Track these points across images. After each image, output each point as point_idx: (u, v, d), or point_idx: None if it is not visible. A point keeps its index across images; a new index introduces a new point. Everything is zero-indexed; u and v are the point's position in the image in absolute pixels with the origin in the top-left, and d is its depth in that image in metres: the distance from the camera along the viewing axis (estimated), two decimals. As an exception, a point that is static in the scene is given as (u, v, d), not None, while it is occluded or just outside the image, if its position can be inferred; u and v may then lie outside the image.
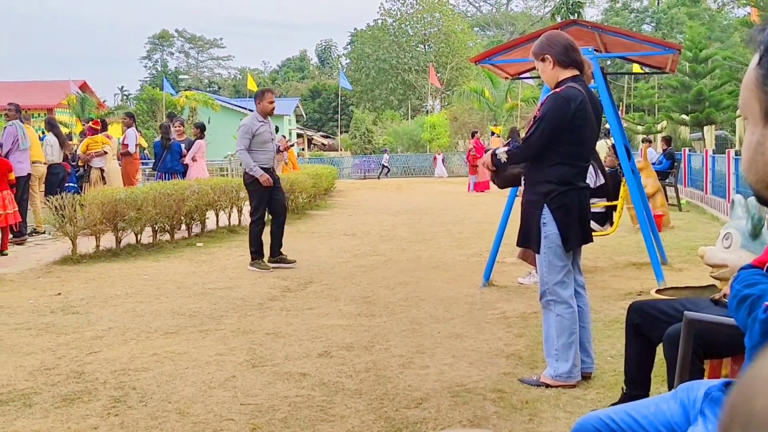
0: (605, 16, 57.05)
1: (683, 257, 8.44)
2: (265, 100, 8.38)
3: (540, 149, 3.97)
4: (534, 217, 4.03)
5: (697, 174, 17.38)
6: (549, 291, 4.07)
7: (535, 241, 4.05)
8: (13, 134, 10.50)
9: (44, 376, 4.44)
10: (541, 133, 3.94)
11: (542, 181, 4.01)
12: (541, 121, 3.95)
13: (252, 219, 8.46)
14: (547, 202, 3.98)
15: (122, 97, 70.72)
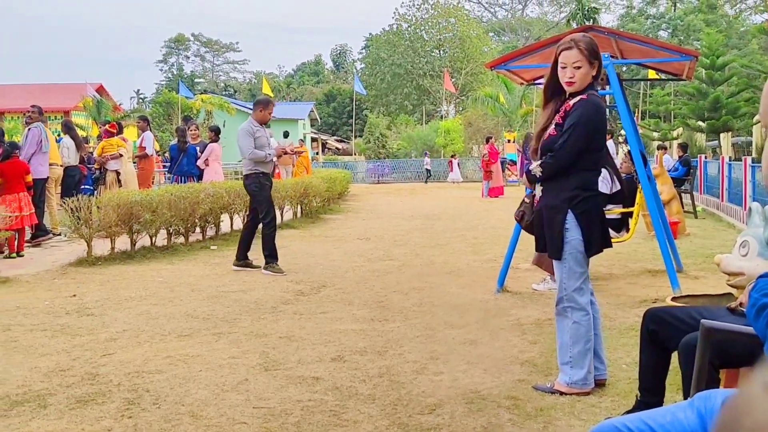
0: (621, 22, 56.86)
1: (699, 265, 8.38)
2: (267, 111, 8.55)
3: (572, 159, 3.90)
4: (557, 223, 3.96)
5: (713, 181, 17.26)
6: (567, 297, 4.02)
7: (558, 246, 3.99)
8: (37, 136, 10.56)
9: (59, 378, 4.46)
10: (576, 141, 3.87)
11: (566, 187, 3.95)
12: (576, 128, 3.87)
13: (264, 222, 8.46)
14: (571, 207, 3.93)
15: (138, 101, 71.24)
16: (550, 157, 3.96)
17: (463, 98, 52.08)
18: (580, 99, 3.93)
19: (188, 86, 45.12)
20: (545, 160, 3.99)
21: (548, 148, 3.98)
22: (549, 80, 4.09)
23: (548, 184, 4.04)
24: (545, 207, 4.04)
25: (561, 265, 4.01)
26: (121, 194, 9.52)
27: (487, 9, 71.22)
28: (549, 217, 4.01)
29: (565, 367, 4.04)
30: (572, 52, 3.91)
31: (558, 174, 3.97)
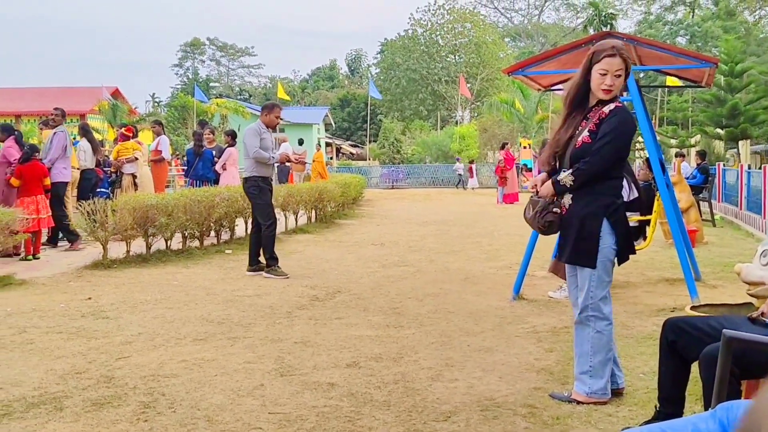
0: (639, 28, 56.64)
1: (717, 274, 8.31)
2: (274, 114, 8.61)
3: (608, 166, 3.84)
4: (593, 231, 3.88)
5: (732, 189, 17.12)
6: (592, 306, 3.95)
7: (591, 255, 3.89)
8: (63, 141, 10.62)
9: (75, 380, 4.47)
10: (614, 149, 3.82)
11: (601, 194, 3.89)
12: (614, 135, 3.81)
13: (266, 224, 8.46)
14: (606, 215, 3.89)
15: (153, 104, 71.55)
16: (584, 163, 3.85)
17: (478, 104, 52.02)
18: (616, 106, 3.88)
19: (203, 90, 45.34)
20: (578, 167, 3.87)
21: (581, 156, 3.88)
22: (579, 86, 3.99)
23: (580, 191, 3.93)
24: (578, 215, 3.92)
25: (590, 273, 3.92)
26: (137, 197, 9.56)
27: (503, 14, 71.10)
28: (582, 225, 3.90)
29: (583, 377, 3.99)
30: (616, 60, 3.85)
31: (590, 181, 3.90)
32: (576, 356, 4.09)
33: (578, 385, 4.02)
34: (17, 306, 6.68)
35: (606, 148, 3.81)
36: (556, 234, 4.15)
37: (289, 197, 12.89)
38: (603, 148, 3.81)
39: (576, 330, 4.08)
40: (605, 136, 3.82)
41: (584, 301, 3.97)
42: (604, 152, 3.81)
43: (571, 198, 3.96)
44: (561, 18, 71.29)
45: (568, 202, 3.98)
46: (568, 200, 3.98)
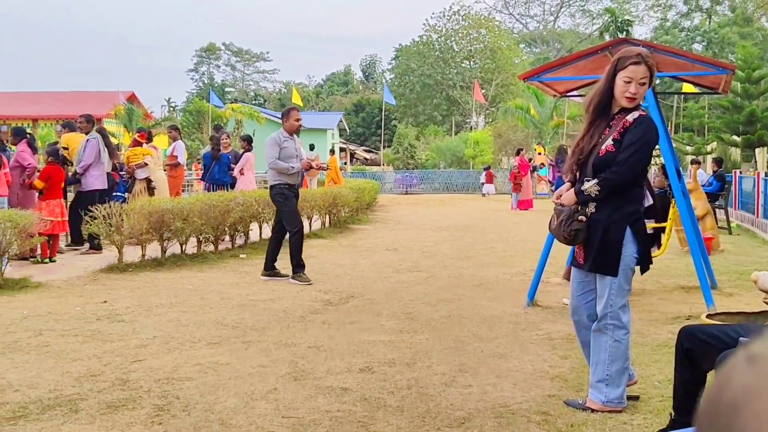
0: (655, 35, 56.40)
1: (733, 282, 8.24)
2: (291, 118, 8.50)
3: (634, 176, 3.83)
4: (617, 239, 3.86)
5: (748, 197, 16.99)
6: (612, 315, 3.92)
7: (614, 263, 3.87)
8: (96, 147, 10.69)
9: (90, 383, 4.50)
10: (641, 158, 3.82)
11: (626, 202, 3.88)
12: (641, 144, 3.79)
13: (291, 232, 8.47)
14: (630, 223, 3.88)
15: (169, 109, 71.97)
16: (611, 173, 3.81)
17: (492, 109, 51.94)
18: (640, 115, 3.86)
19: (218, 95, 45.58)
20: (605, 177, 3.83)
21: (606, 165, 3.85)
22: (602, 93, 3.94)
23: (604, 200, 3.89)
24: (602, 223, 3.89)
25: (611, 281, 3.89)
26: (153, 202, 9.61)
27: (519, 20, 70.98)
28: (606, 233, 3.88)
29: (599, 385, 3.96)
30: (641, 68, 3.82)
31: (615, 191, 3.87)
32: (592, 364, 4.06)
33: (594, 393, 3.99)
34: (33, 309, 6.73)
35: (633, 158, 3.79)
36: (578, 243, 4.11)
37: (303, 202, 12.87)
38: (630, 158, 3.79)
39: (593, 337, 4.04)
40: (631, 146, 3.79)
41: (604, 309, 3.93)
42: (630, 162, 3.79)
43: (594, 206, 3.92)
44: (576, 24, 71.12)
45: (591, 209, 3.94)
46: (591, 208, 3.94)
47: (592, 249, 3.94)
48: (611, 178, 3.82)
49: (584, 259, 4.05)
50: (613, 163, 3.83)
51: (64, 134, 12.23)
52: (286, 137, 8.47)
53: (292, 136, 8.55)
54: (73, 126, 12.31)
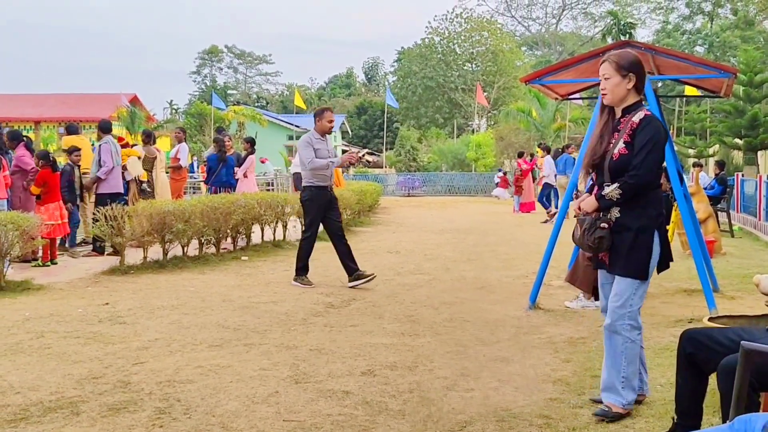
0: (657, 37, 56.35)
1: (735, 285, 8.23)
2: (324, 119, 8.37)
3: (653, 177, 3.85)
4: (647, 242, 3.87)
5: (750, 200, 16.98)
6: (630, 315, 3.92)
7: (644, 266, 3.88)
8: (109, 151, 10.74)
9: (92, 385, 4.50)
10: (656, 158, 3.82)
11: (651, 205, 3.89)
12: (653, 145, 3.81)
13: (303, 236, 8.44)
14: (657, 227, 3.90)
15: (171, 111, 72.00)
16: (631, 177, 3.82)
17: (494, 112, 51.94)
18: (645, 115, 3.88)
19: (221, 97, 45.57)
20: (625, 182, 3.83)
21: (622, 168, 3.86)
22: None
23: (629, 203, 3.89)
24: (631, 227, 3.89)
25: (636, 283, 3.90)
26: (155, 204, 9.61)
27: (521, 23, 70.87)
28: (636, 237, 3.87)
29: (618, 387, 3.93)
30: (603, 65, 4.02)
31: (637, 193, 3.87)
32: (606, 367, 4.01)
33: (612, 396, 3.94)
34: (35, 311, 6.73)
35: (649, 158, 3.80)
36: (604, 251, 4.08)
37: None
38: (645, 160, 3.80)
39: (609, 339, 4.00)
40: (643, 148, 3.81)
41: (621, 308, 3.92)
42: (647, 163, 3.80)
43: (619, 210, 3.92)
44: (579, 27, 71.02)
45: (616, 214, 3.92)
46: (615, 212, 3.92)
47: (622, 254, 3.93)
48: (632, 182, 3.82)
49: (610, 263, 4.02)
50: (630, 166, 3.84)
51: (65, 137, 12.23)
52: (318, 138, 8.34)
53: (324, 137, 8.42)
54: (75, 129, 12.32)
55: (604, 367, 4.03)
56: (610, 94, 3.98)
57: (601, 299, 4.26)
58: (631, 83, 3.93)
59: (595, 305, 6.89)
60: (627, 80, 3.93)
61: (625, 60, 3.97)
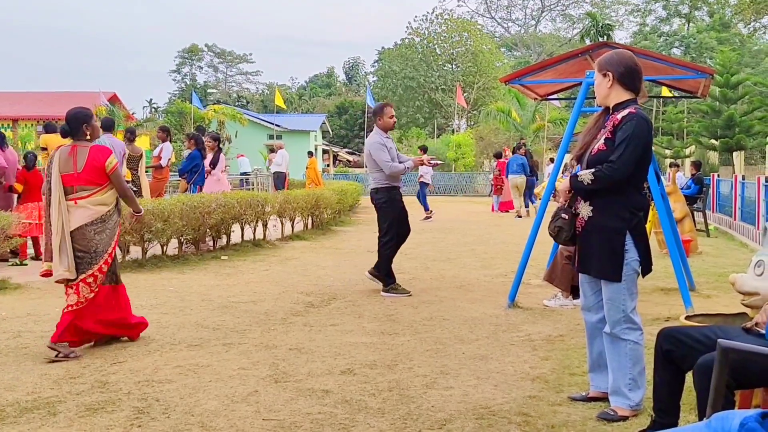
0: (634, 39, 56.83)
1: (711, 283, 8.33)
2: (386, 116, 7.91)
3: (628, 173, 3.85)
4: (618, 244, 3.89)
5: (726, 199, 17.17)
6: (625, 318, 3.94)
7: (618, 269, 3.90)
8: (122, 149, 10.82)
9: (69, 385, 4.47)
10: (632, 154, 3.82)
11: (623, 207, 3.90)
12: (631, 141, 3.82)
13: (383, 241, 7.90)
14: (630, 228, 3.90)
15: (151, 110, 71.54)
16: (607, 168, 3.84)
17: (474, 112, 52.10)
18: (629, 113, 3.90)
19: (201, 96, 45.32)
20: (601, 169, 3.87)
21: (598, 164, 3.90)
22: None
23: (601, 204, 3.94)
24: (601, 228, 3.92)
25: (619, 286, 3.92)
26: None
27: (500, 24, 71.20)
28: (607, 239, 3.91)
29: (624, 391, 3.93)
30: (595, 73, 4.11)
31: (609, 191, 3.90)
32: (611, 371, 4.01)
33: (620, 399, 3.95)
34: (12, 310, 6.67)
35: (626, 153, 3.81)
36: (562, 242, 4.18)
37: (285, 204, 12.90)
38: (622, 155, 3.82)
39: (610, 344, 4.02)
40: (623, 142, 3.83)
41: (617, 314, 3.94)
42: (624, 158, 3.82)
43: (591, 210, 3.96)
44: (557, 28, 71.50)
45: (588, 214, 3.96)
46: (587, 212, 3.97)
47: (595, 254, 3.97)
48: (606, 172, 3.84)
49: (580, 261, 4.09)
50: (605, 161, 3.88)
51: (43, 135, 12.12)
52: (387, 137, 7.96)
53: (388, 134, 8.08)
54: (53, 127, 12.22)
55: (610, 370, 4.02)
56: (599, 96, 4.06)
57: (580, 298, 4.30)
58: (610, 81, 3.97)
59: (573, 303, 6.95)
60: (606, 79, 3.97)
61: (604, 59, 4.04)
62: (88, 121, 5.45)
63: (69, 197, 5.28)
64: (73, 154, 5.35)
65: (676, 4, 59.88)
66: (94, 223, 5.31)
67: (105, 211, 5.37)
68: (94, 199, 5.32)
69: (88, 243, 5.28)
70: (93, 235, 5.29)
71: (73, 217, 5.26)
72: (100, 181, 5.35)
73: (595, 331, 4.18)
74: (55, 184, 5.28)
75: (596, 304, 4.14)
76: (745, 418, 1.92)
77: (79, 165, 5.31)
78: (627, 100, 3.97)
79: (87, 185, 5.31)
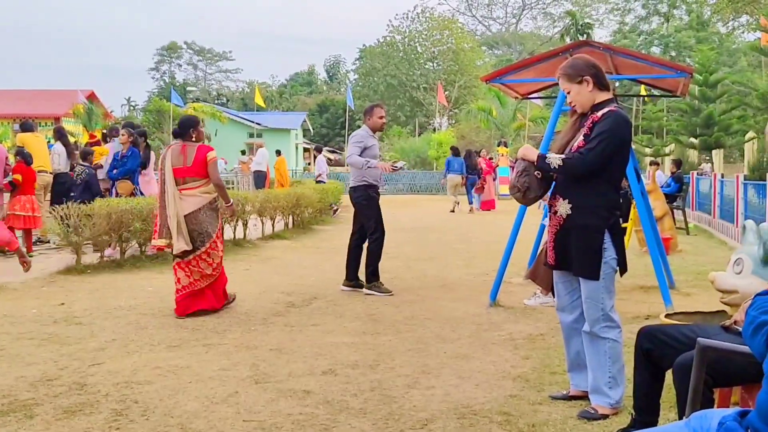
0: (614, 38, 57.17)
1: (690, 282, 8.39)
2: (375, 116, 7.99)
3: (597, 165, 3.85)
4: (596, 242, 3.90)
5: (705, 198, 17.32)
6: (604, 317, 3.95)
7: (596, 266, 3.91)
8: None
9: (46, 387, 4.41)
10: (605, 148, 3.83)
11: (602, 206, 3.91)
12: (606, 135, 3.84)
13: (372, 238, 7.90)
14: (608, 227, 3.92)
15: (129, 108, 70.97)
16: (577, 156, 3.87)
17: (456, 111, 52.20)
18: (609, 110, 3.92)
19: (180, 94, 45.01)
20: (571, 155, 3.89)
21: None
22: None
23: (580, 202, 3.94)
24: (580, 226, 3.93)
25: (597, 284, 3.92)
26: (111, 202, 9.45)
27: (481, 22, 71.33)
28: (585, 237, 3.92)
29: (604, 389, 3.95)
30: (560, 81, 4.12)
31: (583, 185, 3.91)
32: (590, 370, 4.02)
33: (600, 398, 3.96)
34: (-12, 311, 6.57)
35: (599, 147, 3.83)
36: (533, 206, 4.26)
37: (266, 203, 12.84)
38: (596, 147, 3.84)
39: (589, 342, 4.02)
40: (597, 136, 3.85)
41: (595, 312, 3.95)
42: (596, 150, 3.83)
43: (570, 208, 3.96)
44: (538, 27, 71.76)
45: (567, 212, 3.97)
46: (566, 210, 3.97)
47: (573, 253, 3.98)
48: (575, 160, 3.87)
49: (557, 259, 4.09)
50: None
51: (19, 134, 11.96)
52: (371, 135, 8.02)
53: (375, 135, 8.11)
54: (30, 126, 12.06)
55: (589, 369, 4.03)
56: (577, 103, 4.04)
57: (556, 297, 4.31)
58: (589, 85, 3.98)
59: (553, 301, 6.96)
60: (585, 84, 3.99)
61: (573, 68, 4.04)
62: (195, 126, 6.82)
63: (179, 187, 6.54)
64: (183, 151, 6.60)
65: (655, 3, 60.31)
66: (203, 209, 6.57)
67: (211, 198, 6.65)
68: (202, 189, 6.60)
69: (200, 225, 6.53)
70: (203, 218, 6.56)
71: (186, 203, 6.51)
72: (206, 174, 6.59)
73: (571, 331, 4.19)
74: (168, 176, 6.54)
75: (570, 304, 4.15)
76: (724, 417, 1.93)
77: (189, 160, 6.56)
78: (605, 100, 4.00)
79: (196, 177, 6.57)
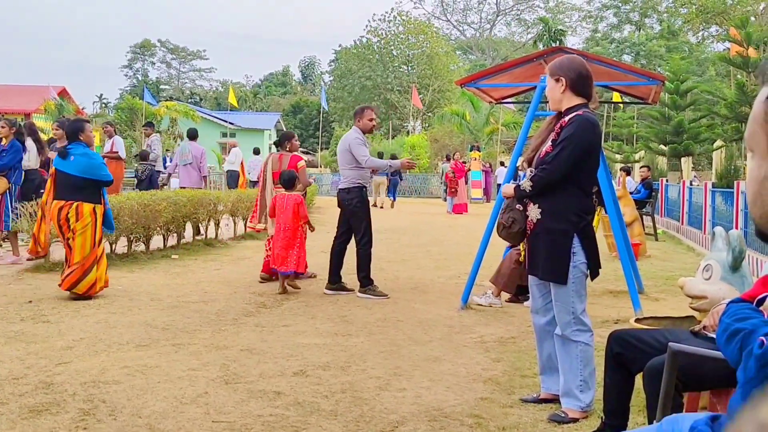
0: (586, 45, 57.77)
1: (659, 287, 8.48)
2: (365, 117, 7.89)
3: (565, 172, 3.87)
4: (565, 247, 3.91)
5: (674, 204, 17.54)
6: (576, 320, 3.97)
7: (564, 271, 3.92)
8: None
9: (11, 386, 4.33)
10: (569, 155, 3.85)
11: (570, 210, 3.93)
12: (570, 141, 3.86)
13: (362, 242, 7.84)
14: (577, 231, 3.93)
15: (101, 105, 70.12)
16: (541, 170, 3.91)
17: (429, 114, 52.32)
18: (576, 115, 3.94)
19: (153, 93, 44.63)
20: (536, 173, 3.94)
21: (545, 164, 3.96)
22: None
23: (549, 207, 3.96)
24: (549, 230, 3.95)
25: (567, 289, 3.94)
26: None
27: (456, 27, 71.61)
28: (553, 241, 3.93)
29: (576, 392, 3.96)
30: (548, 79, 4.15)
31: (556, 195, 3.93)
32: (563, 372, 4.04)
33: (571, 401, 3.98)
34: (-48, 309, 6.45)
35: (562, 154, 3.86)
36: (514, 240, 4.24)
37: (238, 202, 12.75)
38: (559, 155, 3.87)
39: (560, 346, 4.04)
40: (562, 142, 3.89)
41: (566, 316, 3.97)
42: (560, 158, 3.87)
43: (540, 213, 3.98)
44: (512, 33, 72.31)
45: (537, 216, 3.99)
46: (536, 214, 4.00)
47: (541, 257, 4.00)
48: (542, 175, 3.92)
49: (529, 264, 4.12)
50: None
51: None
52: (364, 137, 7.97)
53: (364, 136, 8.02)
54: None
55: (561, 372, 4.05)
56: (552, 100, 4.10)
57: (530, 300, 4.34)
58: (562, 86, 4.01)
59: (500, 303, 7.18)
60: (559, 84, 4.02)
61: (556, 65, 4.09)
62: (290, 140, 8.88)
63: (276, 186, 8.38)
64: (280, 159, 8.61)
65: (627, 11, 61.06)
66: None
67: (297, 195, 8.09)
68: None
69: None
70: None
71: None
72: None
73: (544, 333, 4.21)
74: (269, 177, 8.60)
75: (544, 307, 4.17)
76: (696, 422, 1.94)
77: (284, 166, 8.43)
78: (577, 104, 4.01)
79: None
